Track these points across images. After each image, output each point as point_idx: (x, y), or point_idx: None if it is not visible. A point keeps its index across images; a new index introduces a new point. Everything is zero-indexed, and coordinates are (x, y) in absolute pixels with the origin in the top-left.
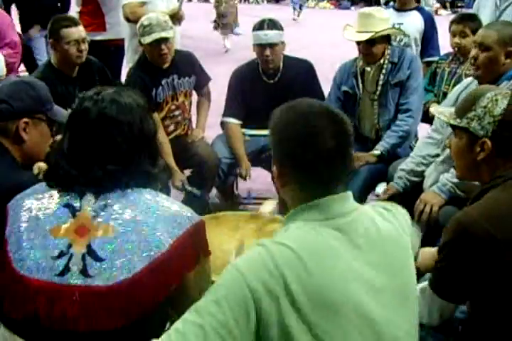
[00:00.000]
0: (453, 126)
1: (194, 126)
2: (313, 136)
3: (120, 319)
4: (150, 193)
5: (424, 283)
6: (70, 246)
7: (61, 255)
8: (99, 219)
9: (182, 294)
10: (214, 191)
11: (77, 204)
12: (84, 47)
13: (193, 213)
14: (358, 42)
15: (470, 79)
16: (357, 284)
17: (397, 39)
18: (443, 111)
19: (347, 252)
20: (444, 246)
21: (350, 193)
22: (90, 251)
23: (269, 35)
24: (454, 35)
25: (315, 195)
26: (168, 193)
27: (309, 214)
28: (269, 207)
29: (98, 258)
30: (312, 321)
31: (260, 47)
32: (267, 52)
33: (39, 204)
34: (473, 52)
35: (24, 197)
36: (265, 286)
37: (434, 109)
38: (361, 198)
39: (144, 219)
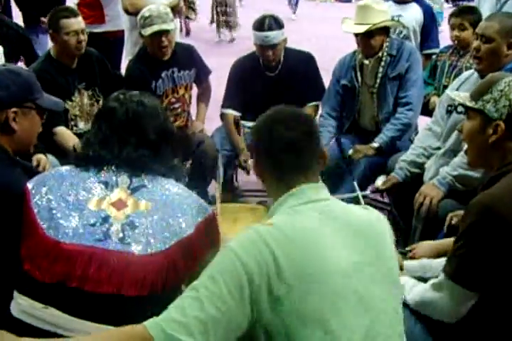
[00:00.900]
0: (467, 108)
1: (194, 118)
2: (279, 128)
3: (145, 287)
4: (173, 182)
5: (432, 281)
6: (109, 216)
7: (101, 223)
8: (135, 196)
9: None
10: (213, 183)
11: (113, 181)
12: (84, 38)
13: (205, 205)
14: (357, 35)
15: (469, 72)
16: (341, 258)
17: (397, 31)
18: (459, 94)
19: (326, 229)
20: (465, 231)
21: (323, 184)
22: (129, 222)
23: (270, 37)
24: (453, 28)
25: (292, 185)
26: None
27: (289, 201)
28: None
29: (136, 230)
30: (300, 293)
31: (261, 47)
32: (269, 52)
33: (68, 183)
34: (475, 43)
35: (48, 179)
36: (256, 261)
37: (449, 91)
38: (360, 190)
39: (173, 202)
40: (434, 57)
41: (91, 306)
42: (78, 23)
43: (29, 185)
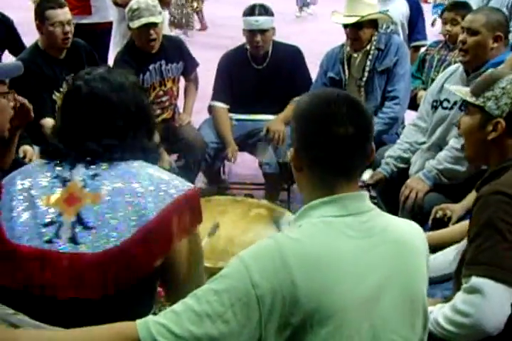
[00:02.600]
0: (467, 104)
1: (181, 111)
2: (330, 122)
3: (108, 287)
4: (141, 163)
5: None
6: (60, 214)
7: (51, 223)
8: (88, 188)
9: (171, 267)
10: (200, 176)
11: (67, 175)
12: (70, 29)
13: (185, 183)
14: (346, 27)
15: (455, 66)
16: (363, 285)
17: (384, 26)
18: (459, 89)
19: (358, 252)
20: (486, 222)
21: (366, 193)
22: (79, 219)
23: (260, 21)
24: (445, 22)
25: (330, 189)
26: None
27: (325, 210)
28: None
29: (87, 227)
30: (314, 319)
31: (251, 32)
32: (258, 38)
33: (30, 179)
34: (461, 36)
35: (16, 175)
36: (269, 282)
37: (450, 86)
38: None
39: (132, 188)
40: (423, 51)
41: (60, 312)
42: (64, 14)
43: (3, 182)
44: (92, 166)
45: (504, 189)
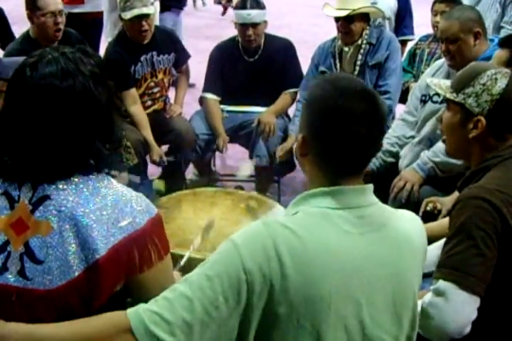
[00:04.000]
0: (447, 100)
1: (172, 102)
2: (345, 118)
3: (63, 321)
4: (98, 183)
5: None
6: (7, 242)
7: None
8: (37, 214)
9: (138, 293)
10: (191, 167)
11: (15, 194)
12: (61, 19)
13: (146, 210)
14: (337, 20)
15: (442, 60)
16: (354, 281)
17: (371, 20)
18: (439, 83)
19: (354, 246)
20: (462, 226)
21: (371, 186)
22: (28, 251)
23: (252, 14)
24: (435, 14)
25: (333, 177)
26: (145, 167)
27: (324, 200)
28: (246, 170)
29: (36, 260)
30: (300, 311)
31: (243, 26)
32: (250, 31)
33: None
34: (443, 47)
35: None
36: (261, 269)
37: (429, 80)
38: None
39: (84, 218)
40: (413, 45)
41: None
42: (55, 3)
43: None
44: (40, 187)
45: (484, 194)
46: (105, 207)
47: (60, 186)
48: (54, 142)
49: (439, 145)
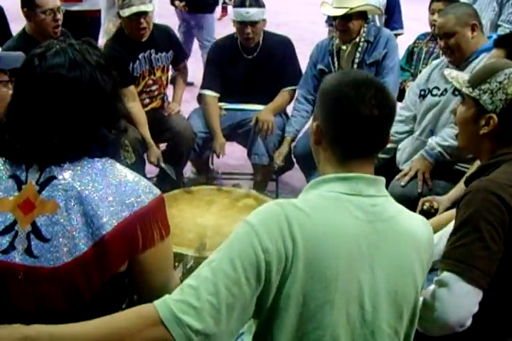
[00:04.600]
0: (463, 94)
1: (170, 100)
2: (358, 102)
3: (68, 300)
4: (103, 165)
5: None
6: (15, 222)
7: (6, 231)
8: (44, 194)
9: (138, 277)
10: (189, 166)
11: (22, 176)
12: (60, 16)
13: (149, 190)
14: (335, 19)
15: (441, 59)
16: (359, 266)
17: None
18: (456, 77)
19: (362, 232)
20: (468, 218)
21: (383, 179)
22: (35, 230)
23: (251, 12)
24: (433, 12)
25: (348, 166)
26: (143, 166)
27: (337, 185)
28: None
29: (42, 238)
30: (306, 289)
31: (241, 24)
32: (248, 30)
33: None
34: (442, 43)
35: None
36: (277, 248)
37: (447, 72)
38: None
39: (89, 196)
40: (411, 44)
41: (31, 322)
42: (54, 1)
43: None
44: (47, 168)
45: (493, 188)
46: (110, 186)
47: (66, 167)
48: (62, 126)
49: (447, 130)
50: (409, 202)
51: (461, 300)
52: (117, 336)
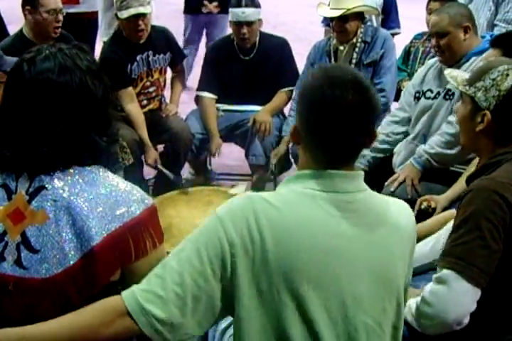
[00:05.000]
0: (461, 92)
1: (168, 101)
2: (332, 102)
3: (59, 310)
4: (93, 174)
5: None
6: (4, 232)
7: None
8: (34, 204)
9: (132, 284)
10: (187, 167)
11: (12, 186)
12: (61, 18)
13: (141, 200)
14: (332, 20)
15: (435, 59)
16: (335, 261)
17: None
18: (455, 76)
19: (336, 227)
20: (470, 217)
21: (361, 173)
22: (24, 240)
23: (247, 13)
24: (430, 12)
25: (323, 164)
26: (141, 168)
27: (311, 182)
28: (239, 189)
29: (32, 249)
30: (280, 285)
31: (237, 24)
32: (244, 30)
33: None
34: (433, 42)
35: None
36: (243, 241)
37: (447, 71)
38: None
39: (79, 207)
40: (407, 43)
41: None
42: (56, 2)
43: None
44: (37, 177)
45: (495, 187)
46: (100, 196)
47: (56, 177)
48: (52, 133)
49: (435, 138)
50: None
51: (460, 298)
52: (87, 329)
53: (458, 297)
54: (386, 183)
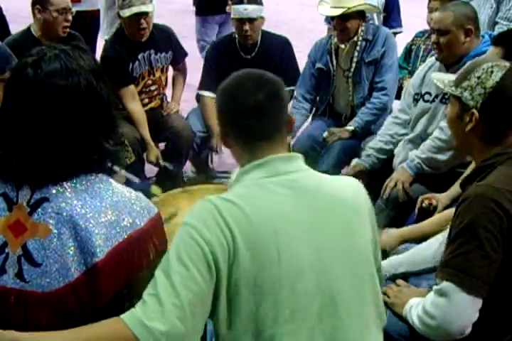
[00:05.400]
0: (449, 94)
1: (169, 100)
2: (240, 91)
3: (61, 323)
4: (98, 184)
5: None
6: (5, 244)
7: None
8: (35, 217)
9: (138, 288)
10: (189, 165)
11: (13, 196)
12: (70, 17)
13: (147, 211)
14: (333, 18)
15: (434, 58)
16: (301, 242)
17: None
18: (442, 78)
19: (293, 208)
20: (467, 226)
21: (298, 155)
22: (26, 254)
23: (249, 9)
24: (431, 10)
25: (258, 153)
26: (142, 166)
27: (254, 173)
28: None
29: (34, 263)
30: (253, 274)
31: (239, 21)
32: (246, 27)
33: None
34: (433, 38)
35: None
36: (218, 238)
37: (434, 74)
38: (335, 173)
39: (82, 220)
40: (409, 41)
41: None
42: (66, 1)
43: None
44: (38, 188)
45: (491, 194)
46: (104, 209)
47: (59, 188)
48: (60, 138)
49: (427, 143)
50: (405, 202)
51: (462, 310)
52: None
53: (459, 309)
54: (385, 190)
